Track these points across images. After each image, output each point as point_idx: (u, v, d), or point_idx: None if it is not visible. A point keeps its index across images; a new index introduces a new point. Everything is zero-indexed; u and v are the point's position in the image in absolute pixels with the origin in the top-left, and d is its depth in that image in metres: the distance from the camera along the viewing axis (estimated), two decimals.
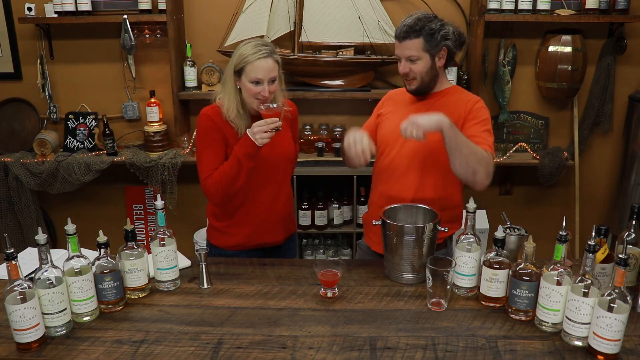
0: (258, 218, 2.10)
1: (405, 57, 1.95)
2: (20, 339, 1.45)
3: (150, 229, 3.78)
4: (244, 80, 1.93)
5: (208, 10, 3.33)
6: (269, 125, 1.88)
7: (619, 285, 1.37)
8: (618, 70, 3.33)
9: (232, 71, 1.96)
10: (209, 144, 2.01)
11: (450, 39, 1.96)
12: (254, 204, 2.09)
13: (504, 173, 3.61)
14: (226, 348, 1.48)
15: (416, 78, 1.97)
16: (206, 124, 2.00)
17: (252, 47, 1.92)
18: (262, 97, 1.92)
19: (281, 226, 2.17)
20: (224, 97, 2.00)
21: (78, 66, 3.44)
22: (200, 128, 2.02)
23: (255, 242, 2.13)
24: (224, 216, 2.14)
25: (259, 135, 1.88)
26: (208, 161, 2.01)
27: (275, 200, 2.12)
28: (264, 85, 1.92)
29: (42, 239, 1.49)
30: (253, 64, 1.90)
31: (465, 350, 1.46)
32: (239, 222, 2.11)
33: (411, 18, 1.95)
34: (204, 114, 2.01)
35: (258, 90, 1.92)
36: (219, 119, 1.99)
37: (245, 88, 1.94)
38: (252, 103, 1.96)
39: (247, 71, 1.91)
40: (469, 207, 1.72)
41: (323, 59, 3.19)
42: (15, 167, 3.30)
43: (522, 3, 3.11)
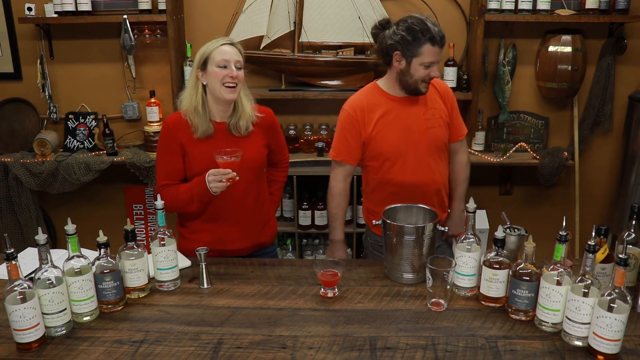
0: (219, 228, 2.08)
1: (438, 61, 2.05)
2: (20, 339, 1.45)
3: (150, 229, 3.78)
4: (210, 68, 1.95)
5: (208, 10, 3.34)
6: (223, 176, 1.88)
7: (619, 285, 1.37)
8: (618, 70, 3.33)
9: (195, 68, 1.99)
10: (165, 153, 2.04)
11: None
12: (214, 214, 2.06)
13: (504, 173, 3.61)
14: (226, 348, 1.48)
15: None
16: (164, 131, 2.04)
17: (213, 40, 1.99)
18: (230, 79, 1.93)
19: (247, 238, 2.13)
20: (184, 93, 2.04)
21: (78, 66, 3.44)
22: (160, 136, 2.07)
23: (218, 249, 2.06)
24: (185, 221, 2.13)
25: (213, 185, 1.91)
26: (162, 170, 2.05)
27: (239, 212, 2.08)
28: (231, 67, 1.94)
29: (42, 239, 1.49)
30: (218, 49, 1.95)
31: (465, 350, 1.46)
32: (200, 229, 2.09)
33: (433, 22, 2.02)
34: (165, 122, 2.06)
35: (225, 73, 1.93)
36: (176, 125, 2.01)
37: (212, 75, 1.95)
38: (220, 92, 1.95)
39: (213, 56, 1.94)
40: (469, 207, 1.72)
41: (323, 59, 3.19)
42: (15, 167, 3.30)
43: (522, 3, 3.11)
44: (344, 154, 2.17)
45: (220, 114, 2.03)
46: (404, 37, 1.99)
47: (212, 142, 2.00)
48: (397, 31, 2.01)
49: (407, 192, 2.12)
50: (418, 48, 1.99)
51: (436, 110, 2.18)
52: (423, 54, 2.00)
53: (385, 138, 2.12)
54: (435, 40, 1.99)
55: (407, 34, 1.99)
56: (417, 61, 2.01)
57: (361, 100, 2.15)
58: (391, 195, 2.13)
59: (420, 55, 2.00)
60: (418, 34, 1.98)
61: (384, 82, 2.18)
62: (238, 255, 2.12)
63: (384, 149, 2.13)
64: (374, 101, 2.14)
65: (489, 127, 3.50)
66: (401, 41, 2.00)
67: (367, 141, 2.14)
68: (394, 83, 2.13)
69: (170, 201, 1.98)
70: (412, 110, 2.14)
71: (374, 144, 2.13)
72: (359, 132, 2.13)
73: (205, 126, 1.99)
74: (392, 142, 2.12)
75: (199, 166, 1.99)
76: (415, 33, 1.98)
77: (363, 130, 2.12)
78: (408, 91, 2.11)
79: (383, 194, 2.19)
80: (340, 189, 2.24)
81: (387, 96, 2.15)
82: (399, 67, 2.06)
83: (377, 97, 2.15)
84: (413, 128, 2.13)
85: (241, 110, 2.03)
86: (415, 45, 1.99)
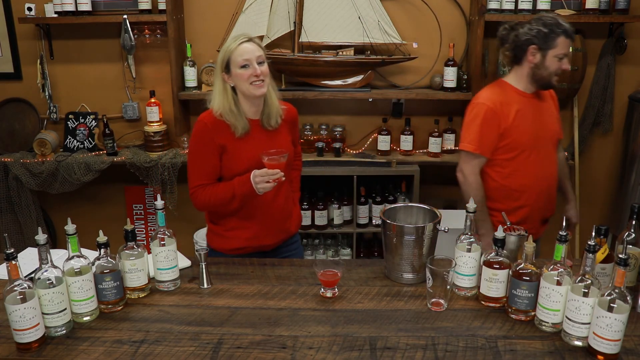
0: (255, 223, 2.09)
1: (568, 55, 2.18)
2: (20, 339, 1.45)
3: (150, 229, 3.78)
4: (234, 70, 1.94)
5: (208, 10, 3.33)
6: (270, 177, 1.89)
7: (619, 285, 1.37)
8: (618, 70, 3.33)
9: (220, 72, 1.98)
10: (201, 153, 2.00)
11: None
12: (250, 211, 2.07)
13: None
14: (226, 348, 1.48)
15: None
16: (200, 131, 2.00)
17: (231, 40, 1.97)
18: (256, 77, 1.93)
19: (280, 229, 2.16)
20: (213, 98, 2.01)
21: (78, 66, 3.44)
22: (194, 135, 2.02)
23: (253, 245, 2.12)
24: (220, 221, 2.13)
25: (260, 186, 1.91)
26: (198, 171, 2.02)
27: (273, 204, 2.10)
28: (253, 65, 1.93)
29: (42, 239, 1.49)
30: (237, 49, 1.93)
31: (465, 350, 1.46)
32: (237, 227, 2.10)
33: (563, 19, 2.19)
34: (200, 121, 2.01)
35: (250, 72, 1.93)
36: (213, 124, 1.98)
37: (238, 77, 1.94)
38: (249, 92, 1.95)
39: (234, 58, 1.93)
40: (469, 207, 1.72)
41: (323, 59, 3.19)
42: (15, 167, 3.30)
43: (522, 3, 3.11)
44: (483, 147, 2.24)
45: (252, 111, 2.03)
46: (540, 31, 2.15)
47: (249, 139, 2.01)
48: (533, 27, 2.17)
49: (536, 186, 2.28)
50: (554, 40, 2.14)
51: (551, 108, 2.37)
52: (558, 45, 2.14)
53: (524, 130, 2.22)
54: (569, 33, 2.15)
55: (543, 27, 2.15)
56: (552, 53, 2.15)
57: (497, 95, 2.26)
58: (519, 189, 2.27)
59: (556, 47, 2.14)
60: (554, 27, 2.14)
61: (513, 78, 2.29)
62: (271, 248, 2.17)
63: (523, 140, 2.23)
64: (508, 95, 2.26)
65: None
66: (537, 35, 2.15)
67: (505, 133, 2.22)
68: (524, 79, 2.25)
69: (207, 200, 2.00)
70: (541, 106, 2.31)
71: (512, 135, 2.22)
72: (498, 124, 2.21)
73: (243, 124, 1.99)
74: (530, 134, 2.24)
75: (240, 165, 1.99)
76: (551, 27, 2.14)
77: (503, 122, 2.21)
78: (540, 85, 2.24)
79: (507, 191, 2.29)
80: (479, 181, 2.30)
81: (518, 92, 2.27)
82: (534, 61, 2.19)
83: (510, 92, 2.27)
84: (544, 121, 2.29)
85: (270, 104, 2.04)
86: (552, 38, 2.14)
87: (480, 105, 2.23)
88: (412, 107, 3.47)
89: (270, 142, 2.02)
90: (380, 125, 3.43)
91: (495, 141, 2.23)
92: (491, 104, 2.21)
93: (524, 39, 2.17)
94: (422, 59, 3.29)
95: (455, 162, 3.44)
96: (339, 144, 3.37)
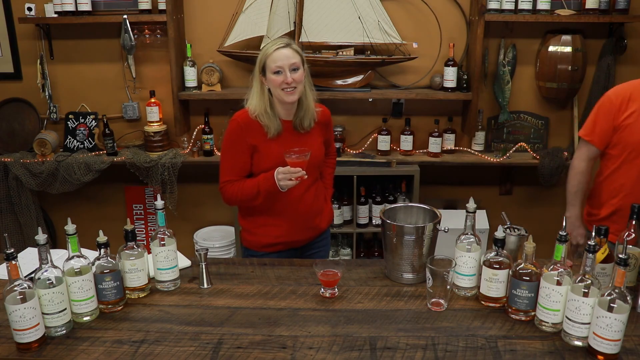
0: (284, 221, 2.13)
1: None
2: (20, 339, 1.45)
3: (150, 229, 3.78)
4: (269, 76, 1.99)
5: (208, 10, 3.33)
6: (293, 175, 1.94)
7: (619, 285, 1.37)
8: (618, 70, 3.33)
9: (258, 72, 2.02)
10: (233, 150, 2.07)
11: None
12: (279, 208, 2.11)
13: (504, 173, 3.61)
14: (226, 348, 1.48)
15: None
16: (233, 130, 2.05)
17: (271, 43, 2.01)
18: (287, 85, 1.96)
19: (309, 226, 2.20)
20: (251, 98, 2.06)
21: (78, 66, 3.44)
22: (228, 133, 2.08)
23: (282, 241, 2.16)
24: (250, 216, 2.18)
25: (283, 182, 1.96)
26: (228, 167, 2.09)
27: (301, 202, 2.13)
28: (286, 72, 1.96)
29: (42, 239, 1.49)
30: (272, 55, 1.97)
31: (465, 350, 1.46)
32: (266, 224, 2.15)
33: None
34: (234, 120, 2.06)
35: (281, 79, 1.96)
36: (246, 124, 2.03)
37: (271, 83, 1.99)
38: (281, 97, 2.00)
39: (269, 63, 1.97)
40: (469, 207, 1.72)
41: (323, 59, 3.19)
42: (15, 167, 3.30)
43: (522, 3, 3.11)
44: (594, 136, 2.24)
45: (285, 112, 2.07)
46: None
47: (280, 140, 2.05)
48: None
49: (635, 190, 2.18)
50: None
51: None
52: None
53: (635, 130, 2.13)
54: None
55: None
56: None
57: (627, 89, 2.18)
58: (618, 188, 2.22)
59: None
60: None
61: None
62: (301, 244, 2.24)
63: (633, 140, 2.14)
64: (638, 92, 2.15)
65: (489, 127, 3.50)
66: None
67: (618, 127, 2.17)
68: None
69: (234, 195, 2.07)
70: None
71: (625, 132, 2.16)
72: (614, 117, 2.17)
73: (277, 125, 2.04)
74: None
75: (268, 163, 2.04)
76: None
77: (618, 116, 2.16)
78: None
79: (610, 188, 2.27)
80: (583, 167, 2.31)
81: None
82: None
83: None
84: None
85: (305, 108, 2.08)
86: None
87: (604, 96, 2.22)
88: (412, 107, 3.47)
89: (301, 144, 2.06)
90: (380, 125, 3.43)
91: (608, 133, 2.20)
92: (613, 96, 2.17)
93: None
94: (422, 59, 3.29)
95: (455, 162, 3.46)
96: (339, 144, 3.37)
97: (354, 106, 3.48)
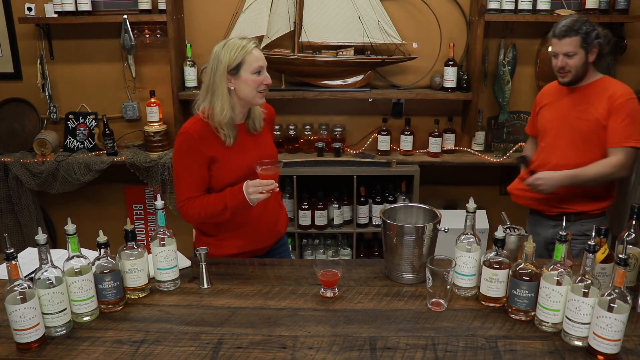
0: (248, 230, 2.05)
1: (563, 53, 2.24)
2: (20, 339, 1.45)
3: (150, 229, 3.78)
4: (244, 75, 1.85)
5: (208, 11, 3.33)
6: (265, 188, 1.85)
7: (619, 285, 1.37)
8: (618, 70, 3.33)
9: (223, 72, 1.85)
10: (189, 165, 1.91)
11: (601, 39, 2.24)
12: (243, 218, 2.02)
13: (504, 173, 3.60)
14: (226, 348, 1.48)
15: (571, 71, 2.26)
16: (186, 143, 1.89)
17: (238, 42, 1.86)
18: (266, 86, 1.89)
19: (271, 232, 2.14)
20: (215, 101, 1.88)
21: (78, 66, 3.44)
22: (179, 147, 1.91)
23: (247, 251, 2.08)
24: (211, 231, 2.08)
25: (254, 196, 1.86)
26: (186, 184, 1.93)
27: (264, 209, 2.06)
28: (264, 73, 1.89)
29: (42, 239, 1.49)
30: (251, 54, 1.85)
31: (465, 350, 1.46)
32: (230, 236, 2.06)
33: (569, 19, 2.25)
34: (185, 132, 1.90)
35: (261, 79, 1.88)
36: (200, 135, 1.88)
37: (247, 83, 1.86)
38: (253, 99, 1.90)
39: (249, 61, 1.85)
40: (469, 207, 1.72)
41: (323, 59, 3.19)
42: (15, 167, 3.30)
43: (522, 3, 3.11)
44: (529, 123, 2.67)
45: (240, 116, 1.96)
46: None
47: (237, 146, 1.94)
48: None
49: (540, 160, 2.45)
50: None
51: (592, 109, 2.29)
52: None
53: (542, 119, 2.47)
54: (554, 33, 2.27)
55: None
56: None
57: (547, 87, 2.54)
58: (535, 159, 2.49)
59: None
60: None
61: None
62: (264, 252, 2.15)
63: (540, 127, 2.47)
64: (550, 90, 2.49)
65: (489, 127, 3.50)
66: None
67: (535, 118, 2.53)
68: None
69: (198, 213, 1.93)
70: (563, 101, 2.38)
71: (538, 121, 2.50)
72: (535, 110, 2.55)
73: (235, 132, 1.93)
74: (543, 122, 2.46)
75: (231, 175, 1.94)
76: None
77: (535, 108, 2.55)
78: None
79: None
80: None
81: (556, 87, 2.45)
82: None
83: (553, 88, 2.48)
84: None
85: (256, 108, 1.99)
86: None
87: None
88: (412, 107, 3.47)
89: (257, 147, 2.00)
90: (380, 125, 3.43)
91: (534, 121, 2.55)
92: (538, 95, 2.54)
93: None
94: (422, 59, 3.29)
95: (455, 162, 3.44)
96: (339, 144, 3.37)
97: (354, 106, 3.48)
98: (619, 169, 2.22)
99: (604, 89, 2.27)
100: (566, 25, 2.22)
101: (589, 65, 2.27)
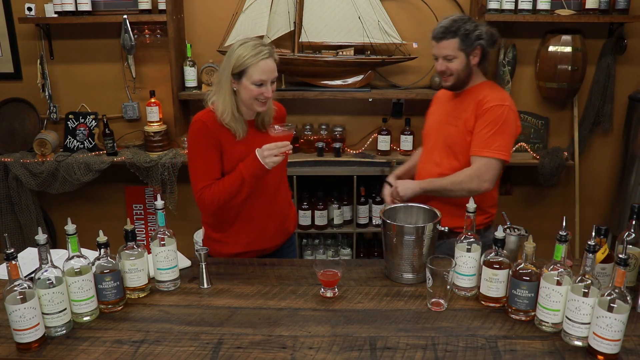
0: (256, 226, 2.07)
1: (442, 56, 2.08)
2: (20, 339, 1.45)
3: (150, 229, 3.78)
4: (245, 83, 1.88)
5: (208, 10, 3.33)
6: (280, 149, 1.85)
7: (619, 285, 1.37)
8: (618, 70, 3.33)
9: (229, 73, 1.89)
10: (204, 152, 1.93)
11: (484, 39, 2.07)
12: (251, 213, 2.04)
13: (504, 173, 3.58)
14: (226, 348, 1.48)
15: (453, 75, 2.09)
16: (200, 130, 1.93)
17: (251, 47, 1.86)
18: (265, 97, 1.89)
19: (280, 230, 2.15)
20: (218, 100, 1.93)
21: (78, 66, 3.44)
22: (194, 135, 1.94)
23: (254, 249, 2.10)
24: (220, 227, 2.09)
25: (269, 159, 1.86)
26: (203, 171, 1.94)
27: (273, 205, 2.08)
28: (267, 86, 1.89)
29: (42, 239, 1.49)
30: (257, 65, 1.85)
31: (465, 350, 1.46)
32: (237, 232, 2.07)
33: (447, 20, 2.07)
34: (198, 120, 1.94)
35: (261, 92, 1.88)
36: (213, 124, 1.92)
37: (246, 90, 1.88)
38: (251, 105, 1.92)
39: (251, 73, 1.86)
40: (469, 207, 1.72)
41: (323, 59, 3.19)
42: (15, 167, 3.30)
43: (522, 3, 3.11)
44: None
45: (249, 113, 1.99)
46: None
47: (245, 142, 1.96)
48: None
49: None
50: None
51: (463, 113, 2.13)
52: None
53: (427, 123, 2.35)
54: (432, 35, 2.10)
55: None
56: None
57: (441, 90, 2.38)
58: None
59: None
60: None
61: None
62: (271, 252, 2.15)
63: (423, 132, 2.37)
64: (440, 95, 2.36)
65: None
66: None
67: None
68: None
69: (216, 197, 1.93)
70: (443, 107, 2.27)
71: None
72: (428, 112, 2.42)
73: (243, 127, 1.95)
74: (426, 128, 2.35)
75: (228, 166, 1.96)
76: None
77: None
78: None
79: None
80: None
81: (445, 91, 2.30)
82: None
83: (443, 92, 2.34)
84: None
85: (268, 106, 2.00)
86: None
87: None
88: (412, 107, 3.47)
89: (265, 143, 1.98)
90: (380, 125, 3.43)
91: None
92: (435, 97, 2.36)
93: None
94: (422, 59, 3.29)
95: None
96: (339, 144, 3.37)
97: (354, 106, 3.48)
98: (471, 179, 2.03)
99: (477, 94, 2.09)
100: (443, 27, 2.04)
101: (472, 68, 2.09)
